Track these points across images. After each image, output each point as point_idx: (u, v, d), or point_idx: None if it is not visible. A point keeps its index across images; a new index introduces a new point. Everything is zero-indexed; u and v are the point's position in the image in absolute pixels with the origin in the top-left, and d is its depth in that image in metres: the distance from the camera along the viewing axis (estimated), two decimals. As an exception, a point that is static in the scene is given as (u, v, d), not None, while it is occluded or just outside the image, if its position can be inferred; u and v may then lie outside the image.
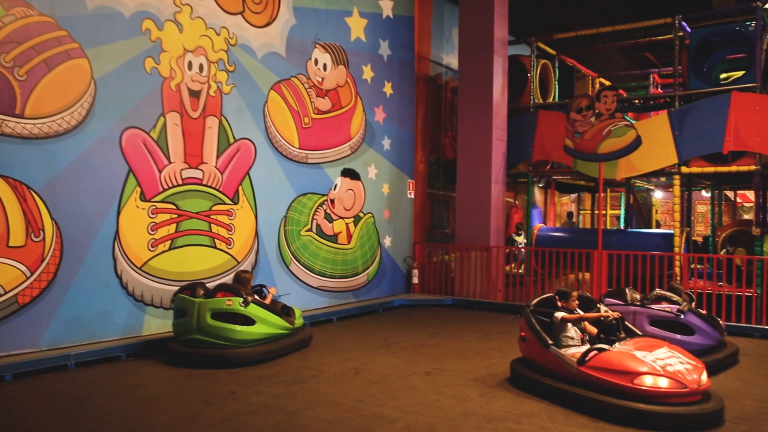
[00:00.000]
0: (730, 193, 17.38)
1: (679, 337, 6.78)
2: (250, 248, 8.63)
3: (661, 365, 4.86)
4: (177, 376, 6.10)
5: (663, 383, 4.74)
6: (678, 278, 9.72)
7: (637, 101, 12.84)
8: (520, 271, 11.91)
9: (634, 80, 15.24)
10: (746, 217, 18.65)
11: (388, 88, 11.31)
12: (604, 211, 17.24)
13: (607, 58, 14.86)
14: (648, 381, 4.76)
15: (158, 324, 7.44)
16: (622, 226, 15.52)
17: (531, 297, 6.08)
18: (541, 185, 14.26)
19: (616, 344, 5.22)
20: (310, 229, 9.69)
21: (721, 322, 7.28)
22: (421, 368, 6.51)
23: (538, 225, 12.95)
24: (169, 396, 5.44)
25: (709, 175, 10.91)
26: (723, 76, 11.82)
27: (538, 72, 12.65)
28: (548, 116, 11.56)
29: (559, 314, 5.70)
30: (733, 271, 9.66)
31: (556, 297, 5.91)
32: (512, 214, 13.06)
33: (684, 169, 10.45)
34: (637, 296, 7.40)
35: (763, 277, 9.19)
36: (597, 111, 10.41)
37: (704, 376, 4.91)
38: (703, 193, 17.25)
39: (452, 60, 13.17)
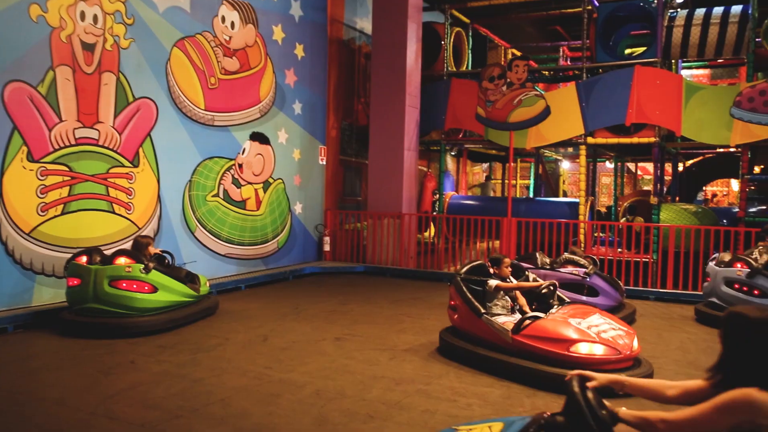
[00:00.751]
0: (632, 165, 18.21)
1: (584, 298, 7.11)
2: (152, 214, 8.19)
3: (595, 332, 4.85)
4: (71, 347, 5.70)
5: (598, 350, 4.74)
6: (582, 245, 10.07)
7: (547, 72, 13.11)
8: (428, 233, 11.99)
9: (544, 52, 15.57)
10: (646, 188, 19.65)
11: (299, 51, 10.97)
12: (514, 181, 17.67)
13: (519, 29, 15.04)
14: (583, 348, 4.73)
15: (50, 294, 6.93)
16: (531, 195, 15.93)
17: (461, 264, 5.81)
18: (453, 153, 14.37)
19: (551, 312, 5.17)
20: (217, 195, 9.31)
21: (621, 284, 7.65)
22: (331, 334, 6.41)
23: (449, 193, 13.07)
24: (62, 368, 5.07)
25: (612, 146, 11.32)
26: (628, 51, 12.23)
27: (452, 40, 12.64)
28: (461, 84, 11.59)
29: (493, 282, 5.53)
30: (632, 238, 10.12)
31: (488, 263, 5.75)
32: (426, 182, 13.10)
33: (590, 140, 10.78)
34: (547, 260, 7.72)
35: (659, 243, 9.68)
36: (508, 80, 10.52)
37: (635, 342, 4.94)
38: (607, 164, 18.00)
39: (366, 24, 12.94)
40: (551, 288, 5.59)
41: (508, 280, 5.68)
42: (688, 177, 14.26)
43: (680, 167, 14.58)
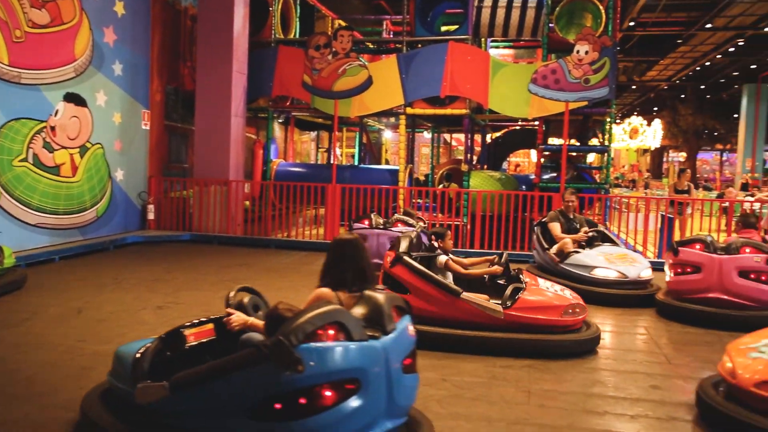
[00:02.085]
0: (447, 136, 19.44)
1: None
2: (-53, 181, 7.52)
3: (565, 295, 5.20)
4: None
5: (579, 311, 5.11)
6: (401, 209, 10.77)
7: (370, 44, 13.59)
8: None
9: (369, 25, 16.02)
10: (459, 157, 21.14)
11: (119, 8, 10.41)
12: (339, 149, 18.15)
13: (346, 1, 15.36)
14: (570, 312, 5.04)
15: None
16: (356, 163, 16.51)
17: (396, 242, 5.50)
18: (281, 121, 14.47)
19: (525, 282, 5.30)
20: (26, 159, 8.71)
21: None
22: (152, 303, 6.41)
23: (277, 160, 13.21)
24: None
25: (429, 117, 12.11)
26: (444, 28, 13.01)
27: (280, 7, 12.65)
28: (288, 52, 11.70)
29: (443, 258, 5.40)
30: (446, 203, 11.01)
31: (433, 237, 5.73)
32: (256, 149, 13.08)
33: (409, 110, 11.44)
34: (381, 221, 8.29)
35: (469, 207, 10.65)
36: (334, 49, 10.81)
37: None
38: (425, 134, 19.05)
39: (191, -15, 12.53)
40: (501, 270, 5.57)
41: (449, 254, 5.69)
42: (495, 147, 15.62)
43: (488, 138, 15.92)
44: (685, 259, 6.37)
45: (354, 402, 2.61)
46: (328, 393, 2.57)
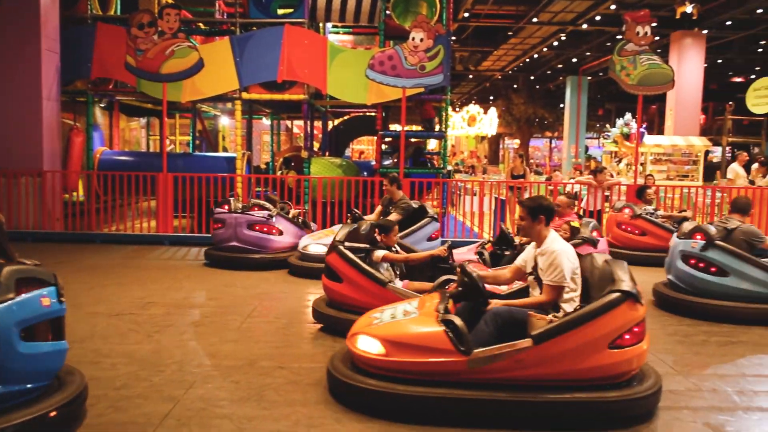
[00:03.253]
0: (289, 123, 19.09)
1: (273, 237, 8.00)
2: None
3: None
4: None
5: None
6: (239, 197, 10.30)
7: (202, 25, 12.89)
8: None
9: (201, 5, 15.20)
10: (300, 144, 20.88)
11: None
12: (173, 137, 17.15)
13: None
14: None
15: None
16: (191, 151, 15.65)
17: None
18: (103, 106, 13.27)
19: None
20: None
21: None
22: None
23: (100, 149, 12.09)
24: None
25: (267, 102, 11.71)
26: (281, 12, 12.64)
27: (98, -19, 11.59)
28: (108, 30, 10.72)
29: (380, 253, 5.14)
30: (285, 190, 10.71)
31: (376, 230, 5.43)
32: (73, 137, 11.86)
33: (244, 95, 10.97)
34: (239, 205, 8.35)
35: (309, 194, 10.43)
36: (160, 29, 10.06)
37: None
38: (264, 121, 18.53)
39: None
40: (445, 252, 5.31)
41: (394, 248, 5.42)
42: (337, 134, 15.56)
43: (330, 125, 15.82)
44: None
45: None
46: None
